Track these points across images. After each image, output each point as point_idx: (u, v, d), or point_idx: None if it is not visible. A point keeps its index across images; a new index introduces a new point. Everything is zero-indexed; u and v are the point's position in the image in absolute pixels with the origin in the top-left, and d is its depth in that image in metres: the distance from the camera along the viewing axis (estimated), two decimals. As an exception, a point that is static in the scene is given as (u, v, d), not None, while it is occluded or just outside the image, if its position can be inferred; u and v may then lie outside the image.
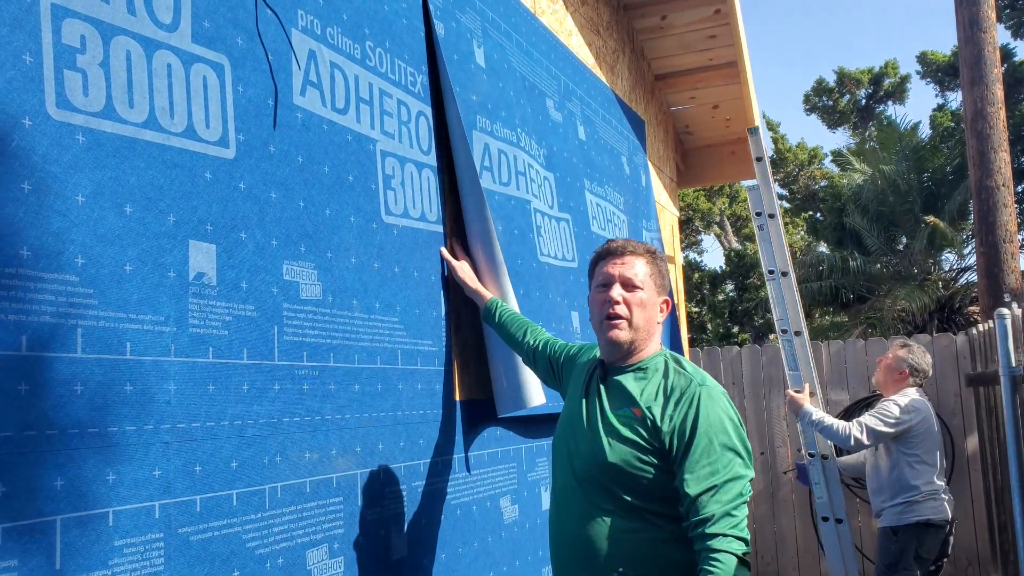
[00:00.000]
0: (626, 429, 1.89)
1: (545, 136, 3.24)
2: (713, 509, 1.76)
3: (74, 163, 1.38)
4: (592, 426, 1.95)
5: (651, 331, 2.01)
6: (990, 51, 8.72)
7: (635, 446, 1.87)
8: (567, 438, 2.02)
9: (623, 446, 1.87)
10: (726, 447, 1.83)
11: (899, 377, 4.34)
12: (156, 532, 1.44)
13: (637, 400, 1.91)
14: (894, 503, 4.20)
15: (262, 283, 1.74)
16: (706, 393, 1.88)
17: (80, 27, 1.42)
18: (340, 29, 2.12)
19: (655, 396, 1.91)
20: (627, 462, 1.86)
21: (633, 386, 1.95)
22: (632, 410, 1.91)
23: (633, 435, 1.88)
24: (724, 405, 1.89)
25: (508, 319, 2.42)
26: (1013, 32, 20.72)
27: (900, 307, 14.24)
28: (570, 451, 1.98)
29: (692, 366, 1.99)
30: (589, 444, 1.93)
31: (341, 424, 1.93)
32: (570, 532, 1.93)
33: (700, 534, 1.76)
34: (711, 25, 5.06)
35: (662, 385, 1.93)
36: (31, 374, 1.27)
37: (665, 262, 2.07)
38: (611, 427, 1.91)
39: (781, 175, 24.51)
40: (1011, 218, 8.59)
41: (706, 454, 1.81)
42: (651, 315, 2.00)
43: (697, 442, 1.81)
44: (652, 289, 2.00)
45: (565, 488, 1.98)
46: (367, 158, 2.16)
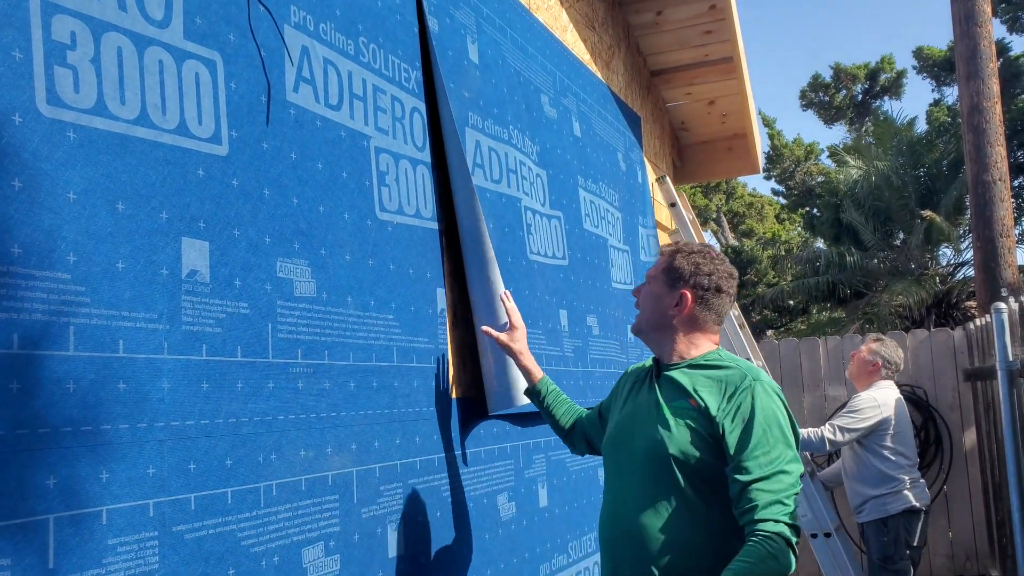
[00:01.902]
0: (683, 419, 1.98)
1: (539, 133, 3.23)
2: (765, 497, 1.83)
3: (65, 160, 1.37)
4: (649, 419, 2.04)
5: (660, 324, 2.11)
6: (986, 45, 8.72)
7: (693, 434, 1.95)
8: (624, 436, 2.10)
9: (681, 436, 1.96)
10: (779, 440, 1.91)
11: (872, 369, 4.40)
12: (150, 530, 1.43)
13: (692, 392, 2.00)
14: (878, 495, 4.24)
15: (255, 280, 1.73)
16: (760, 388, 1.96)
17: (70, 23, 1.41)
18: (333, 25, 2.11)
19: (709, 389, 2.00)
20: (684, 451, 1.95)
21: (685, 380, 2.04)
22: (688, 401, 2.00)
23: (691, 424, 1.96)
24: (777, 400, 1.98)
25: (554, 402, 2.46)
26: (1009, 26, 20.73)
27: (897, 302, 14.26)
28: (628, 447, 2.07)
29: (745, 363, 2.07)
30: (647, 435, 2.01)
31: (336, 422, 1.92)
32: (626, 521, 2.01)
33: (751, 519, 1.83)
34: (707, 21, 5.05)
35: (716, 379, 2.01)
36: (23, 372, 1.27)
37: (694, 256, 2.11)
38: (667, 418, 2.00)
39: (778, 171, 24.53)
40: (1007, 213, 8.59)
41: (759, 445, 1.88)
42: (655, 307, 2.11)
43: (751, 434, 1.89)
44: (662, 283, 2.10)
45: (621, 480, 2.06)
46: (361, 155, 2.15)
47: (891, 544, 4.20)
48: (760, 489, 1.84)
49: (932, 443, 6.17)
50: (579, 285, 3.37)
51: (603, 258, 3.72)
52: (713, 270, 2.10)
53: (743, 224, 24.91)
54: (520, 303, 2.76)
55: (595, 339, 3.45)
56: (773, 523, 1.81)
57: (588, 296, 3.45)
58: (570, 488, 3.10)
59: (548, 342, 2.95)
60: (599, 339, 3.50)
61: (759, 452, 1.88)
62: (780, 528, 1.81)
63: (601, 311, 3.58)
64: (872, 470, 4.27)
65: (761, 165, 6.94)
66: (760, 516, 1.82)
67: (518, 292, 2.75)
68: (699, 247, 2.15)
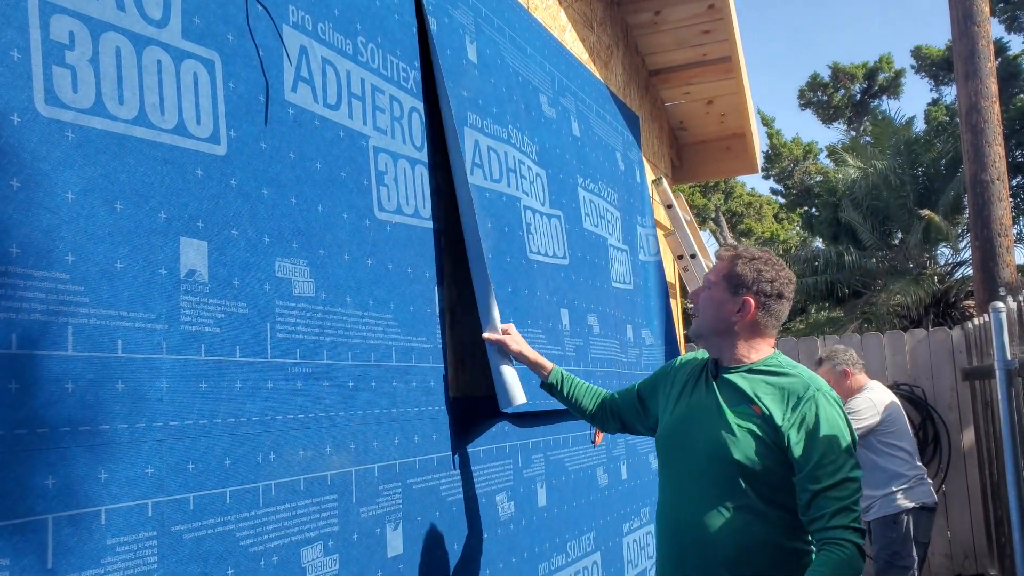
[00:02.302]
0: (747, 426, 2.04)
1: (538, 132, 3.23)
2: (833, 505, 1.92)
3: (64, 160, 1.37)
4: (710, 421, 2.09)
5: (722, 329, 2.15)
6: (984, 45, 8.73)
7: (757, 441, 2.02)
8: (682, 433, 2.16)
9: (746, 442, 2.03)
10: (843, 449, 1.98)
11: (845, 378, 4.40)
12: (149, 530, 1.43)
13: (754, 399, 2.07)
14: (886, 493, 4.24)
15: (254, 280, 1.73)
16: (822, 398, 2.03)
17: (69, 23, 1.41)
18: (332, 24, 2.11)
19: (772, 396, 2.06)
20: (749, 458, 2.02)
21: (746, 385, 2.10)
22: (751, 407, 2.06)
23: (755, 431, 2.03)
24: (838, 409, 2.05)
25: (572, 389, 2.51)
26: (1007, 26, 20.75)
27: (895, 302, 14.26)
28: (687, 445, 2.13)
29: (805, 370, 2.14)
30: (710, 438, 2.07)
31: (335, 421, 1.92)
32: (689, 519, 2.08)
33: (821, 527, 1.93)
34: (705, 20, 5.06)
35: (777, 386, 2.08)
36: (22, 372, 1.27)
37: (757, 263, 2.14)
38: (731, 424, 2.05)
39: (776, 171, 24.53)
40: (1006, 212, 8.59)
41: (827, 455, 1.96)
42: (717, 313, 2.14)
43: (819, 444, 1.97)
44: (723, 290, 2.14)
45: (681, 478, 2.13)
46: (360, 154, 2.15)
47: (899, 541, 4.20)
48: (829, 497, 1.93)
49: (930, 442, 6.17)
50: (580, 284, 3.38)
51: (603, 257, 3.72)
52: (775, 276, 2.14)
53: (741, 224, 24.91)
54: (520, 303, 2.76)
55: (596, 338, 3.46)
56: (843, 529, 1.91)
57: (589, 295, 3.45)
58: (569, 488, 3.10)
59: (548, 341, 2.95)
60: (599, 338, 3.50)
61: (827, 462, 1.96)
62: (850, 535, 1.91)
63: (601, 310, 3.58)
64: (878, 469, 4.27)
65: (759, 164, 6.95)
66: (832, 524, 1.92)
67: (518, 292, 2.75)
68: (759, 252, 2.18)
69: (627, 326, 3.95)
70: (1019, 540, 4.27)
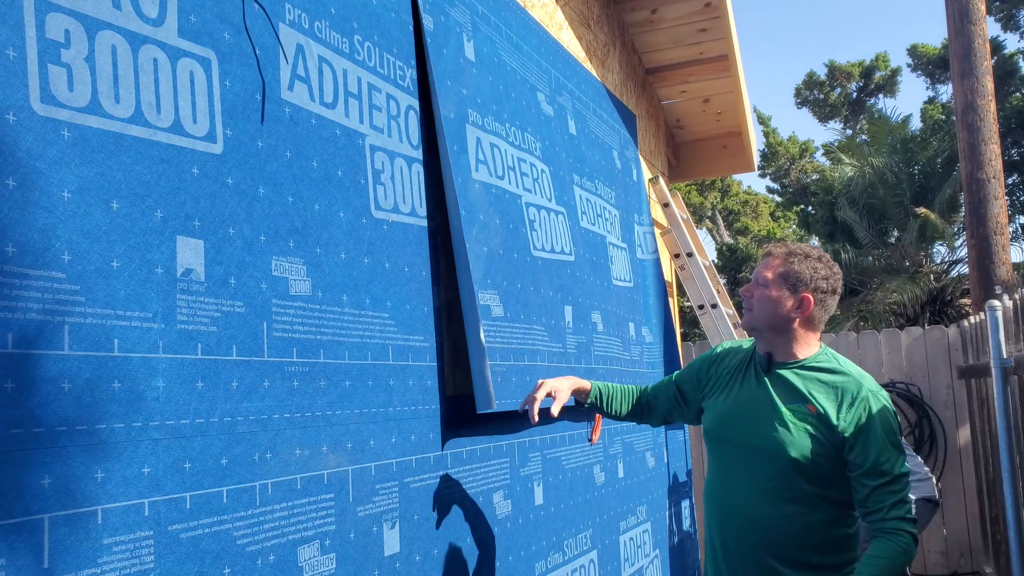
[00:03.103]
0: (803, 424, 2.16)
1: (538, 130, 3.23)
2: (891, 499, 2.08)
3: (60, 159, 1.37)
4: (765, 416, 2.21)
5: (779, 325, 2.23)
6: (980, 43, 8.74)
7: (813, 440, 2.14)
8: (735, 424, 2.27)
9: (802, 440, 2.14)
10: (895, 446, 2.13)
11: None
12: (146, 530, 1.43)
13: (808, 397, 2.17)
14: None
15: (251, 279, 1.73)
16: (874, 396, 2.16)
17: (64, 21, 1.40)
18: (328, 23, 2.10)
19: (826, 395, 2.17)
20: (804, 455, 2.13)
21: (799, 382, 2.20)
22: (806, 406, 2.17)
23: (810, 430, 2.14)
24: (889, 406, 2.18)
25: (609, 400, 2.56)
26: (1003, 24, 20.78)
27: (892, 300, 14.28)
28: (742, 436, 2.25)
29: (855, 368, 2.24)
30: (765, 434, 2.19)
31: (332, 420, 1.92)
32: (738, 508, 2.23)
33: (880, 519, 2.08)
34: (702, 19, 5.06)
35: (831, 384, 2.18)
36: (18, 372, 1.26)
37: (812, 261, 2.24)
38: (787, 421, 2.17)
39: (773, 169, 24.55)
40: (1002, 210, 8.61)
41: (882, 452, 2.10)
42: (775, 310, 2.22)
43: (874, 443, 2.10)
44: (777, 286, 2.22)
45: (735, 471, 2.25)
46: (356, 153, 2.15)
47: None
48: (886, 492, 2.08)
49: (926, 440, 6.18)
50: (584, 281, 3.38)
51: (603, 255, 3.73)
52: (829, 273, 2.25)
53: (738, 222, 24.93)
54: (524, 299, 2.76)
55: (599, 336, 3.45)
56: (900, 520, 2.07)
57: (592, 292, 3.45)
58: (565, 486, 3.10)
59: (550, 338, 2.94)
60: (603, 336, 3.50)
61: (883, 459, 2.09)
62: (906, 525, 2.07)
63: (604, 308, 3.58)
64: None
65: (756, 163, 6.95)
66: (890, 516, 2.07)
67: (523, 288, 2.76)
68: (811, 250, 2.29)
69: (629, 324, 3.96)
70: (1015, 537, 4.28)
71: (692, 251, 5.02)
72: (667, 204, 5.11)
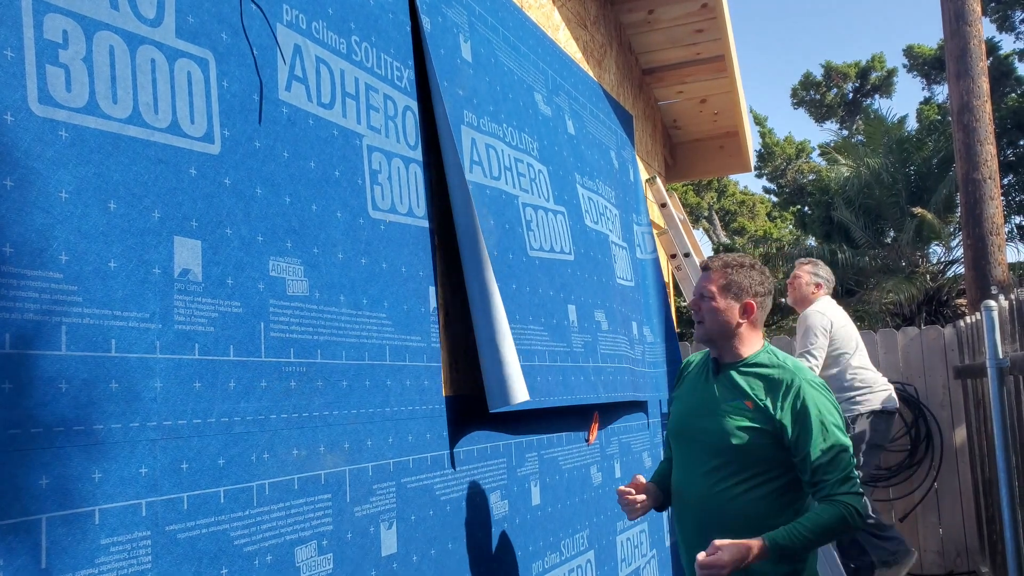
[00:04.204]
0: (742, 419, 2.37)
1: (536, 130, 3.23)
2: (835, 475, 2.26)
3: (57, 159, 1.37)
4: (712, 413, 2.43)
5: (728, 332, 2.46)
6: (976, 44, 8.76)
7: (751, 430, 2.35)
8: (689, 423, 2.51)
9: (741, 431, 2.36)
10: (834, 425, 2.33)
11: (815, 290, 4.81)
12: (143, 530, 1.43)
13: (748, 394, 2.39)
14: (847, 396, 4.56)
15: (248, 279, 1.73)
16: (807, 385, 2.36)
17: (62, 22, 1.40)
18: (325, 23, 2.11)
19: (764, 388, 2.39)
20: (743, 443, 2.35)
21: (741, 380, 2.43)
22: (744, 402, 2.39)
23: (748, 422, 2.36)
24: (823, 391, 2.39)
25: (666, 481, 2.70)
26: (998, 25, 20.82)
27: (888, 300, 14.30)
28: (692, 432, 2.48)
29: (791, 359, 2.46)
30: (714, 428, 2.41)
31: (329, 420, 1.92)
32: (694, 496, 2.45)
33: (827, 493, 2.26)
34: (698, 19, 5.07)
35: (768, 379, 2.40)
36: (15, 372, 1.26)
37: (747, 270, 2.49)
38: (728, 415, 2.39)
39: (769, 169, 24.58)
40: (997, 211, 8.63)
41: (820, 432, 2.30)
42: (723, 319, 2.45)
43: (812, 424, 2.30)
44: (721, 298, 2.45)
45: (690, 463, 2.48)
46: (354, 153, 2.15)
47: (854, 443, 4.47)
48: (830, 469, 2.27)
49: (922, 440, 6.19)
50: (586, 280, 3.38)
51: (605, 254, 3.73)
52: (763, 278, 2.51)
53: (735, 222, 24.96)
54: (523, 300, 2.76)
55: (604, 334, 3.46)
56: (846, 495, 2.24)
57: (595, 291, 3.45)
58: (563, 487, 3.11)
59: (552, 338, 2.94)
60: (608, 334, 3.50)
61: (821, 439, 2.29)
62: (852, 499, 2.25)
63: (608, 306, 3.58)
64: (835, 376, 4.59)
65: (752, 163, 6.96)
66: (837, 491, 2.25)
67: (519, 289, 2.76)
68: (743, 259, 2.52)
69: (632, 323, 3.96)
70: (1011, 537, 4.29)
71: (689, 251, 5.03)
72: (664, 204, 5.12)
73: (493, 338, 2.49)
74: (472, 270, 2.50)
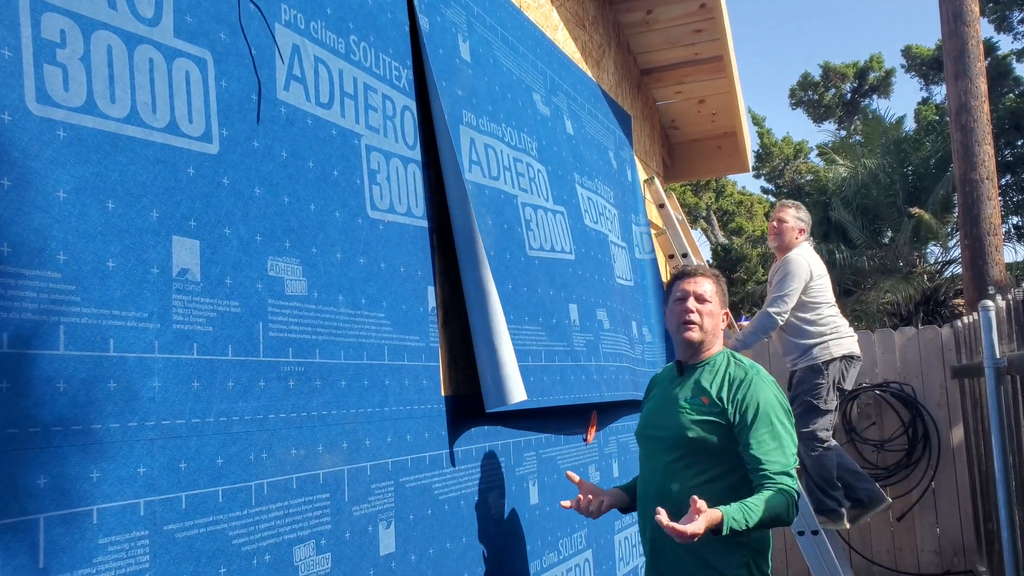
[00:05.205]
0: (697, 413, 2.48)
1: (535, 130, 3.23)
2: (775, 467, 2.35)
3: (55, 159, 1.37)
4: (673, 412, 2.54)
5: (716, 335, 2.62)
6: (974, 45, 8.77)
7: (707, 424, 2.45)
8: (652, 420, 2.61)
9: (698, 426, 2.46)
10: (779, 419, 2.43)
11: (798, 234, 4.84)
12: (141, 529, 1.43)
13: (707, 390, 2.50)
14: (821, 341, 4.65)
15: (246, 279, 1.73)
16: (759, 381, 2.48)
17: (60, 21, 1.40)
18: (324, 23, 2.11)
19: (720, 385, 2.50)
20: (700, 437, 2.45)
21: (704, 379, 2.54)
22: (701, 399, 2.51)
23: (705, 417, 2.46)
24: (774, 388, 2.50)
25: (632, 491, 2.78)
26: (996, 26, 20.84)
27: (886, 300, 14.32)
28: (655, 430, 2.57)
29: (748, 360, 2.59)
30: (673, 424, 2.51)
31: (327, 420, 1.92)
32: (657, 488, 2.53)
33: (766, 484, 2.33)
34: (697, 20, 5.07)
35: (725, 376, 2.52)
36: (13, 372, 1.26)
37: (724, 284, 2.69)
38: (687, 412, 2.50)
39: (767, 169, 24.59)
40: (995, 211, 8.64)
41: (763, 424, 2.40)
42: (716, 323, 2.61)
43: (757, 417, 2.40)
44: (717, 303, 2.62)
45: (653, 458, 2.57)
46: (352, 153, 2.15)
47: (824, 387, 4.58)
48: (770, 460, 2.35)
49: (920, 440, 6.20)
50: (586, 279, 3.38)
51: (605, 253, 3.73)
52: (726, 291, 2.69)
53: (732, 222, 24.96)
54: (520, 300, 2.76)
55: (606, 333, 3.46)
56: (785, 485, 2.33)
57: (596, 290, 3.45)
58: (561, 486, 3.11)
59: (549, 337, 2.94)
60: (610, 333, 3.50)
61: (764, 431, 2.39)
62: (789, 485, 2.33)
63: (609, 305, 3.58)
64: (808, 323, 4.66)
65: (751, 163, 6.97)
66: (775, 480, 2.33)
67: (517, 288, 2.76)
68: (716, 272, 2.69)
69: (632, 322, 3.96)
70: (1007, 537, 4.30)
71: (687, 252, 5.04)
72: (662, 205, 5.12)
73: (490, 338, 2.49)
74: (469, 270, 2.50)
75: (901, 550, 6.29)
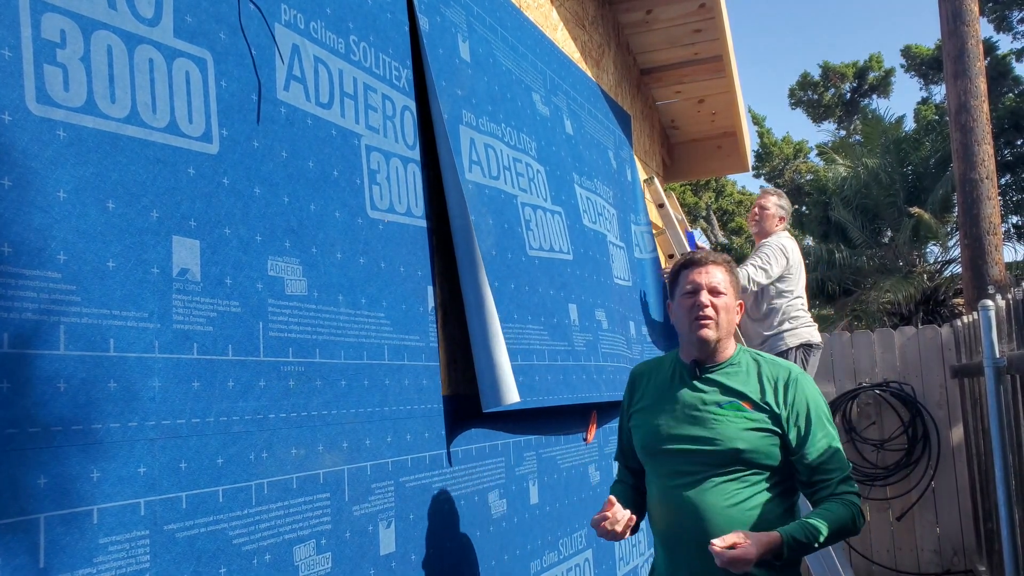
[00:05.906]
0: (744, 419, 2.19)
1: (534, 130, 3.24)
2: (836, 475, 2.16)
3: (55, 159, 1.37)
4: (708, 417, 2.21)
5: (732, 330, 2.30)
6: (973, 44, 8.77)
7: (753, 432, 2.17)
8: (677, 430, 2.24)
9: (744, 432, 2.17)
10: (830, 420, 2.23)
11: (778, 223, 4.95)
12: (142, 529, 1.43)
13: (745, 394, 2.22)
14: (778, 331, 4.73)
15: (247, 279, 1.73)
16: (802, 378, 2.24)
17: (60, 21, 1.40)
18: (324, 23, 2.11)
19: (760, 386, 2.22)
20: (749, 445, 2.16)
21: (732, 381, 2.24)
22: (742, 403, 2.21)
23: (749, 423, 2.18)
24: (816, 387, 2.28)
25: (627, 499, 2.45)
26: (996, 26, 20.85)
27: (885, 299, 14.32)
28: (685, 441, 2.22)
29: (769, 355, 2.33)
30: (711, 433, 2.19)
31: (327, 420, 1.92)
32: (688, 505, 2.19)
33: (829, 493, 2.15)
34: (696, 19, 5.07)
35: (761, 376, 2.24)
36: (13, 372, 1.26)
37: (736, 270, 2.38)
38: (729, 419, 2.19)
39: (767, 169, 24.60)
40: (995, 210, 8.64)
41: (819, 427, 2.19)
42: (732, 317, 2.29)
43: (813, 419, 2.19)
44: (732, 294, 2.29)
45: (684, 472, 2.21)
46: (352, 153, 2.15)
47: None
48: (830, 468, 2.16)
49: (920, 439, 6.21)
50: (585, 279, 3.38)
51: (604, 254, 3.73)
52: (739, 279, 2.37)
53: (732, 222, 24.97)
54: (522, 299, 2.76)
55: (605, 333, 3.46)
56: (849, 494, 2.15)
57: (595, 290, 3.46)
58: (561, 486, 3.11)
59: (551, 337, 2.94)
60: (608, 333, 3.50)
61: (821, 435, 2.18)
62: (855, 498, 2.15)
63: (608, 306, 3.59)
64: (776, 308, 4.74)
65: (750, 163, 6.97)
66: (839, 490, 2.14)
67: (518, 288, 2.76)
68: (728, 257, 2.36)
69: (629, 322, 3.96)
70: (1007, 536, 4.30)
71: (687, 251, 5.03)
72: (662, 205, 5.12)
73: (486, 339, 2.49)
74: (467, 271, 2.50)
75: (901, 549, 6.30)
